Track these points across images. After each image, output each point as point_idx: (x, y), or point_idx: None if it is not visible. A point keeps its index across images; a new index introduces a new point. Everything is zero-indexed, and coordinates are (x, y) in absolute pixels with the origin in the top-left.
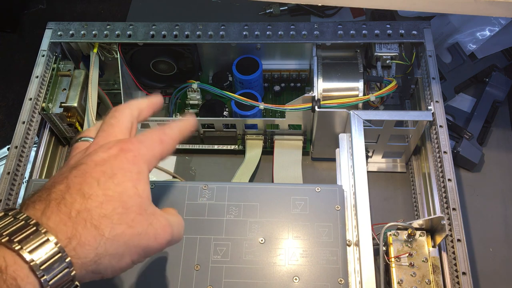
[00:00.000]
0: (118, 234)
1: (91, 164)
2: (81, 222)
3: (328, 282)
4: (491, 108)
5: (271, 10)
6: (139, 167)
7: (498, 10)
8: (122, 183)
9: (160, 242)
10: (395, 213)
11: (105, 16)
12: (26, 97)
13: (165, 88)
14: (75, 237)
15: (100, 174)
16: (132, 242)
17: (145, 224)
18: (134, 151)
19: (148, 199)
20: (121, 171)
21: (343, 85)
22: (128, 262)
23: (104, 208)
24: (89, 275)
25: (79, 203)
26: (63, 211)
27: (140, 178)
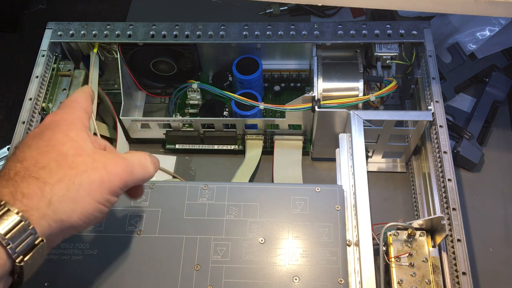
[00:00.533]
0: (62, 177)
1: (27, 136)
2: (20, 178)
3: (328, 282)
4: (491, 108)
5: (271, 10)
6: (66, 121)
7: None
8: (52, 137)
9: (115, 172)
10: (395, 213)
11: (105, 16)
12: (26, 97)
13: (165, 88)
14: (18, 191)
15: (30, 139)
16: (81, 180)
17: (88, 161)
18: (56, 113)
19: (85, 141)
20: (48, 129)
21: (343, 85)
22: (92, 203)
23: (40, 162)
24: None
25: (15, 167)
26: (2, 177)
27: (71, 128)
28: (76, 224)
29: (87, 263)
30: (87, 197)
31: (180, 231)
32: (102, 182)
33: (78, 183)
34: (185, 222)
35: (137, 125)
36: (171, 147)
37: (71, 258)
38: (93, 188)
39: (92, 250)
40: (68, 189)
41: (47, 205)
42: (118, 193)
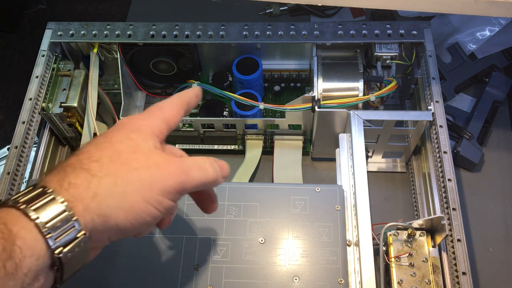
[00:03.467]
0: (111, 172)
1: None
2: (71, 169)
3: (328, 282)
4: (491, 108)
5: (271, 10)
6: (134, 126)
7: (498, 10)
8: (114, 136)
9: (168, 172)
10: (395, 213)
11: (105, 16)
12: (26, 97)
13: (165, 88)
14: (65, 180)
15: (95, 140)
16: (130, 176)
17: (141, 159)
18: (128, 118)
19: (145, 141)
20: (114, 130)
21: (343, 85)
22: (140, 202)
23: (94, 155)
24: (98, 221)
25: (70, 159)
26: (56, 168)
27: (135, 132)
28: (122, 224)
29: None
30: (135, 195)
31: (180, 231)
32: (153, 181)
33: (128, 180)
34: (185, 222)
35: None
36: None
37: None
38: (143, 186)
39: None
40: (116, 184)
41: (92, 197)
42: (173, 195)
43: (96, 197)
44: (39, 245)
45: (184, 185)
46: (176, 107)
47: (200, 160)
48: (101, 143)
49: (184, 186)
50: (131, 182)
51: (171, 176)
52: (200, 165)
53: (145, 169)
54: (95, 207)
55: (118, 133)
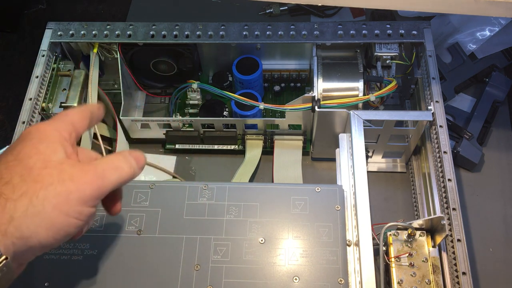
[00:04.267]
0: (25, 191)
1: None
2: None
3: (328, 282)
4: (491, 108)
5: (271, 10)
6: (40, 134)
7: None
8: (21, 151)
9: (84, 182)
10: (395, 213)
11: (105, 16)
12: (26, 97)
13: (165, 88)
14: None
15: (3, 157)
16: (46, 193)
17: (54, 174)
18: (33, 126)
19: (54, 152)
20: (21, 143)
21: (343, 85)
22: (59, 216)
23: (4, 177)
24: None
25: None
26: None
27: (43, 141)
28: (45, 241)
29: (87, 263)
30: (53, 211)
31: (180, 231)
32: (69, 193)
33: (43, 197)
34: (185, 222)
35: (137, 125)
36: (171, 147)
37: (71, 258)
38: (60, 201)
39: (92, 250)
40: (32, 204)
41: (9, 221)
42: (92, 202)
43: (13, 221)
44: None
45: (102, 190)
46: (81, 113)
47: (115, 160)
48: (10, 161)
49: (101, 191)
50: (47, 199)
51: (87, 185)
52: (116, 166)
53: (60, 184)
54: (13, 231)
55: (25, 146)
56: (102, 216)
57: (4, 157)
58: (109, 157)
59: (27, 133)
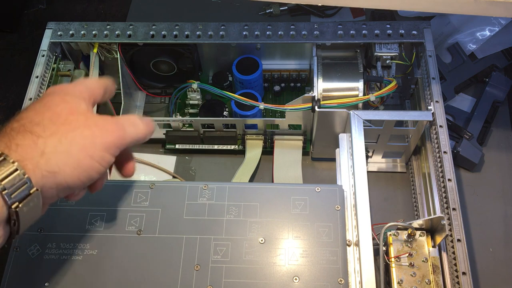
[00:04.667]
0: (54, 131)
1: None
2: (15, 133)
3: (328, 282)
4: (491, 108)
5: (271, 10)
6: (64, 90)
7: (498, 10)
8: (49, 100)
9: (107, 129)
10: (395, 213)
11: (105, 16)
12: (26, 97)
13: (165, 88)
14: (13, 142)
15: (31, 105)
16: (73, 135)
17: (80, 119)
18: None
19: (79, 105)
20: (47, 95)
21: (343, 85)
22: (85, 157)
23: (35, 119)
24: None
25: (12, 125)
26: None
27: (68, 95)
28: (70, 179)
29: (87, 263)
30: (80, 151)
31: (180, 231)
32: (95, 137)
33: (71, 138)
34: (185, 222)
35: None
36: (171, 147)
37: (71, 258)
38: (86, 143)
39: (92, 250)
40: (61, 142)
41: (40, 155)
42: (113, 150)
43: (44, 155)
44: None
45: (122, 140)
46: (98, 82)
47: (131, 117)
48: (39, 108)
49: (122, 141)
50: (75, 140)
51: (110, 133)
52: (133, 122)
53: (86, 128)
54: (43, 165)
55: (53, 97)
56: (102, 216)
57: (32, 106)
58: (125, 115)
59: (52, 89)
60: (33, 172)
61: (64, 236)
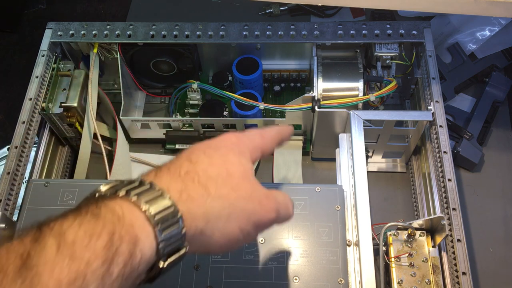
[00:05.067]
0: (223, 195)
1: (200, 144)
2: (190, 180)
3: (328, 282)
4: (491, 108)
5: (271, 10)
6: (240, 147)
7: (498, 10)
8: (226, 154)
9: (266, 208)
10: (395, 213)
11: (105, 16)
12: (26, 97)
13: (165, 88)
14: (185, 191)
15: (206, 147)
16: (237, 204)
17: (249, 189)
18: (237, 136)
19: (250, 170)
20: (224, 147)
21: (343, 85)
22: (235, 229)
23: (210, 171)
24: (197, 237)
25: (186, 166)
26: (173, 172)
27: (242, 155)
28: (213, 245)
29: None
30: (235, 222)
31: None
32: (253, 213)
33: (234, 207)
34: None
35: (137, 125)
36: (171, 147)
37: None
38: (244, 216)
39: None
40: (224, 208)
41: (203, 215)
42: (260, 230)
43: (206, 216)
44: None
45: (272, 222)
46: (274, 141)
47: (287, 201)
48: (215, 158)
49: (271, 223)
50: (236, 209)
51: (267, 214)
52: (287, 206)
53: (250, 201)
54: (201, 225)
55: (229, 152)
56: None
57: (208, 151)
58: (282, 195)
59: (231, 141)
60: (189, 230)
61: None
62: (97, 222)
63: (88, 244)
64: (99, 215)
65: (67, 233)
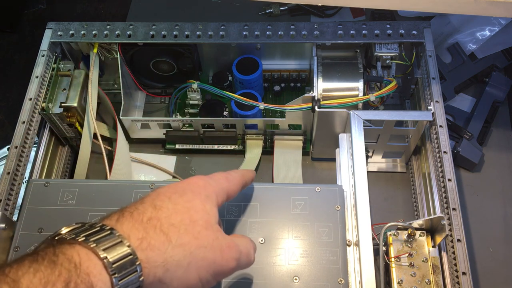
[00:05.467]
0: (184, 243)
1: (166, 187)
2: (151, 227)
3: (328, 282)
4: (491, 108)
5: (271, 10)
6: (207, 191)
7: (498, 10)
8: (191, 200)
9: (227, 258)
10: (395, 213)
11: (105, 16)
12: (26, 97)
13: (165, 88)
14: (146, 239)
15: (172, 192)
16: (198, 253)
17: (210, 238)
18: (204, 180)
19: (215, 217)
20: (190, 192)
21: (343, 85)
22: (195, 278)
23: (173, 218)
24: (155, 285)
25: (150, 212)
26: (135, 218)
27: (208, 201)
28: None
29: None
30: (194, 271)
31: None
32: (213, 263)
33: (194, 256)
34: None
35: (137, 125)
36: (171, 147)
37: None
38: (203, 265)
39: None
40: (184, 257)
41: (162, 264)
42: (220, 278)
43: (165, 265)
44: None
45: (232, 271)
46: (239, 185)
47: (248, 246)
48: (179, 205)
49: (232, 272)
50: (196, 258)
51: (227, 263)
52: (249, 253)
53: (211, 251)
54: (159, 274)
55: (198, 198)
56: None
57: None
58: (245, 241)
59: (197, 185)
60: (147, 278)
61: None
62: (53, 270)
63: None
64: (56, 262)
65: (22, 280)
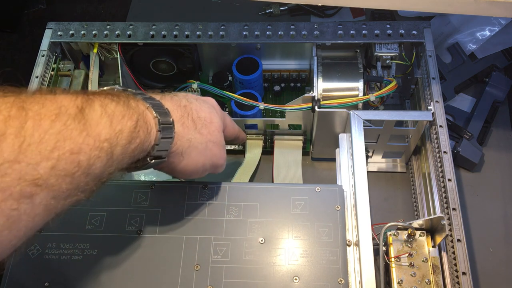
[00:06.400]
0: (204, 133)
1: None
2: (186, 113)
3: (328, 282)
4: (491, 108)
5: (271, 10)
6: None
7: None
8: (211, 108)
9: (223, 156)
10: (395, 213)
11: (105, 16)
12: None
13: (165, 88)
14: (181, 121)
15: (197, 97)
16: (209, 144)
17: (218, 138)
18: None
19: (221, 127)
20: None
21: (343, 85)
22: (200, 161)
23: (200, 112)
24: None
25: (185, 102)
26: (175, 102)
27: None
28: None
29: (87, 263)
30: (202, 155)
31: (180, 231)
32: (215, 155)
33: (206, 145)
34: (185, 222)
35: None
36: None
37: (71, 258)
38: (209, 155)
39: (92, 250)
40: (201, 143)
41: (188, 140)
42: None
43: (189, 141)
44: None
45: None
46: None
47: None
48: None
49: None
50: (207, 148)
51: (221, 160)
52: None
53: (216, 146)
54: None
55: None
56: (102, 216)
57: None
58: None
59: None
60: (174, 145)
61: (64, 236)
62: (128, 109)
63: (121, 120)
64: (129, 105)
65: (108, 106)
